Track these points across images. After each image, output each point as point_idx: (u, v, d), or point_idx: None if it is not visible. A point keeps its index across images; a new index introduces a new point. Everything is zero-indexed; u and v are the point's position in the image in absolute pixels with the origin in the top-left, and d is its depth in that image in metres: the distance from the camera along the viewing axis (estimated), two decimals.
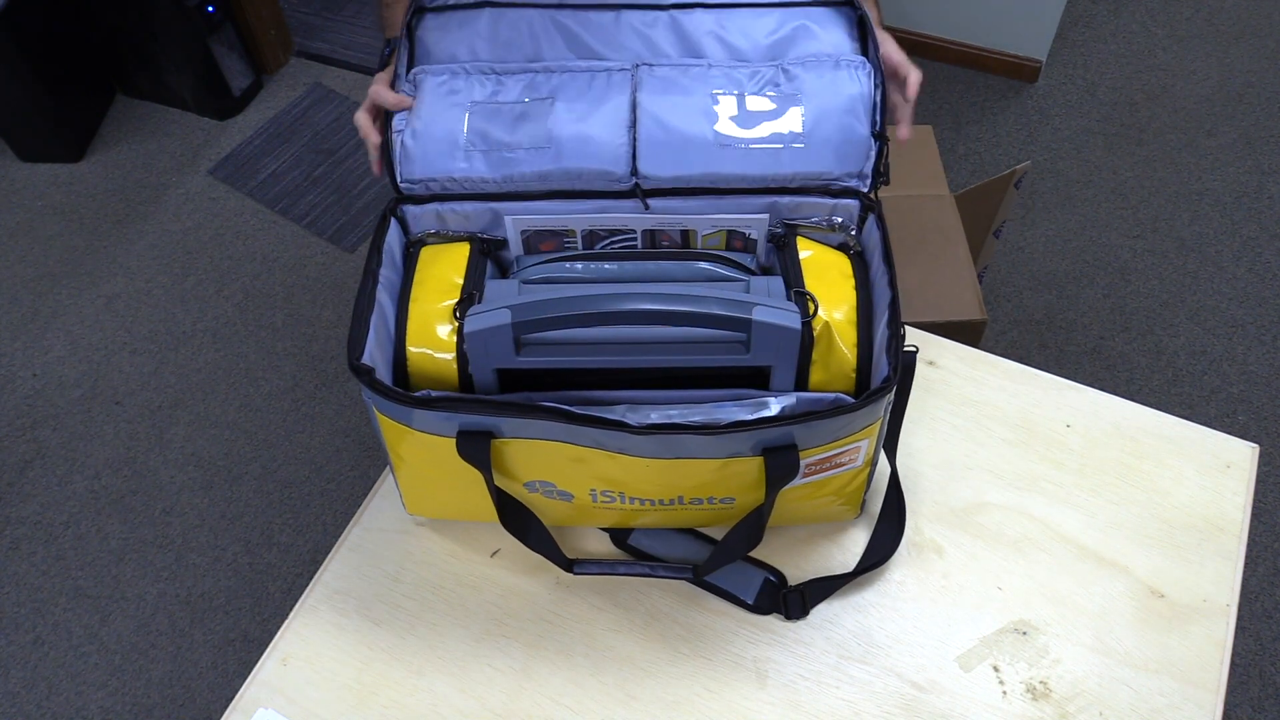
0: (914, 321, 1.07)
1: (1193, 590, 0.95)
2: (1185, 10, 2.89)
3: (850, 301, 0.88)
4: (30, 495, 2.02)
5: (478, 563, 1.00)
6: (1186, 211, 2.41)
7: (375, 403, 0.83)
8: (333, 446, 2.06)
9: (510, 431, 0.82)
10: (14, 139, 2.60)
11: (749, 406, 0.81)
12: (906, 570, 0.98)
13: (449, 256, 0.94)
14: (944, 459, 1.05)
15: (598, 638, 0.94)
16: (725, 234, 0.97)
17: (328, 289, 2.33)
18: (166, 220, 2.50)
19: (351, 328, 0.85)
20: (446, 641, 0.95)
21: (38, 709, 1.75)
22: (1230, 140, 2.56)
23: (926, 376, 1.11)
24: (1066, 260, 2.33)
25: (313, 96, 2.77)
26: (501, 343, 0.84)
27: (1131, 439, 1.06)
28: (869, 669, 0.92)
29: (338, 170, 2.58)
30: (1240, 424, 2.04)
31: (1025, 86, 2.71)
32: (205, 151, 2.65)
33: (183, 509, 1.99)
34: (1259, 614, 1.79)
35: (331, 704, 0.91)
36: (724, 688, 0.91)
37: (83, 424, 2.12)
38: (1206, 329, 2.19)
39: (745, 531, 0.89)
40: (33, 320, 2.31)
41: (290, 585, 1.88)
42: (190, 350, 2.24)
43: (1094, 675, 0.90)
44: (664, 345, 0.87)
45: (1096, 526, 1.00)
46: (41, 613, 1.86)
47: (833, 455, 0.85)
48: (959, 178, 2.48)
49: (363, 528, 1.03)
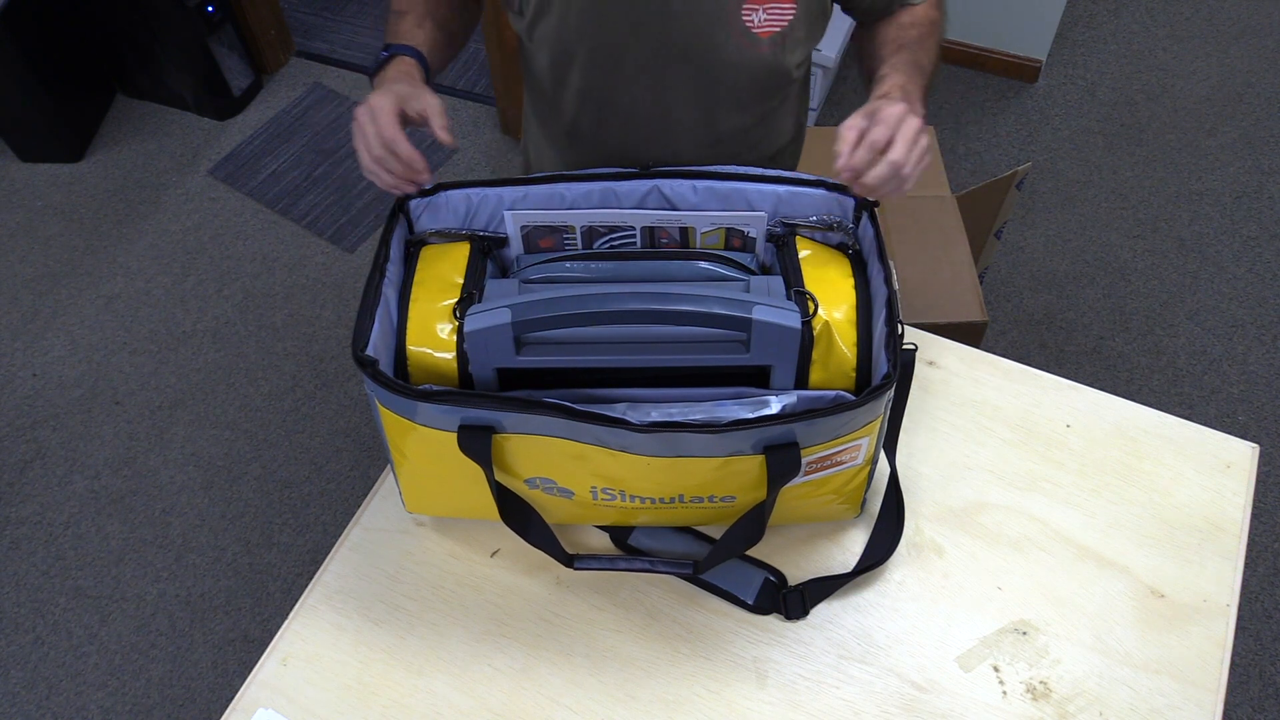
0: (915, 322, 1.07)
1: (1193, 590, 0.95)
2: (1185, 10, 2.89)
3: (850, 301, 0.88)
4: (30, 495, 2.02)
5: (478, 563, 1.00)
6: (1186, 211, 2.41)
7: (378, 395, 0.84)
8: (333, 446, 2.06)
9: (512, 427, 0.82)
10: (14, 139, 2.60)
11: (750, 405, 0.81)
12: (906, 570, 0.97)
13: (449, 256, 0.94)
14: (944, 459, 1.05)
15: (598, 638, 0.94)
16: (724, 232, 0.97)
17: (328, 289, 2.33)
18: (166, 220, 2.50)
19: (358, 319, 0.85)
20: (446, 641, 0.94)
21: (38, 709, 1.75)
22: (1230, 140, 2.56)
23: (926, 376, 1.11)
24: (1066, 260, 2.33)
25: (313, 96, 2.77)
26: (501, 342, 0.84)
27: (1131, 439, 1.06)
28: (869, 669, 0.92)
29: (338, 170, 2.58)
30: (1240, 424, 2.04)
31: (1025, 86, 2.71)
32: (205, 151, 2.65)
33: (183, 509, 1.99)
34: (1259, 614, 1.79)
35: (331, 704, 0.91)
36: (724, 687, 0.91)
37: (83, 424, 2.12)
38: (1206, 329, 2.19)
39: (746, 528, 0.89)
40: (33, 320, 2.31)
41: (290, 585, 1.88)
42: (190, 350, 2.24)
43: (1094, 675, 0.90)
44: (664, 344, 0.87)
45: (1096, 526, 1.00)
46: (41, 613, 1.86)
47: (834, 453, 0.85)
48: (959, 178, 2.48)
49: (363, 528, 1.03)
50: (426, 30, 1.05)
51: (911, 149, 0.87)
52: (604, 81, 1.07)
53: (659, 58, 1.03)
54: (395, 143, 0.91)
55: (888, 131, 0.87)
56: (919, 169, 0.88)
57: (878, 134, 0.86)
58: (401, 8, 1.07)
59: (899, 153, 0.86)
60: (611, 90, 1.08)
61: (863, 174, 0.88)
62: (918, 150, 0.87)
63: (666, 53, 1.02)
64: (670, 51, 1.02)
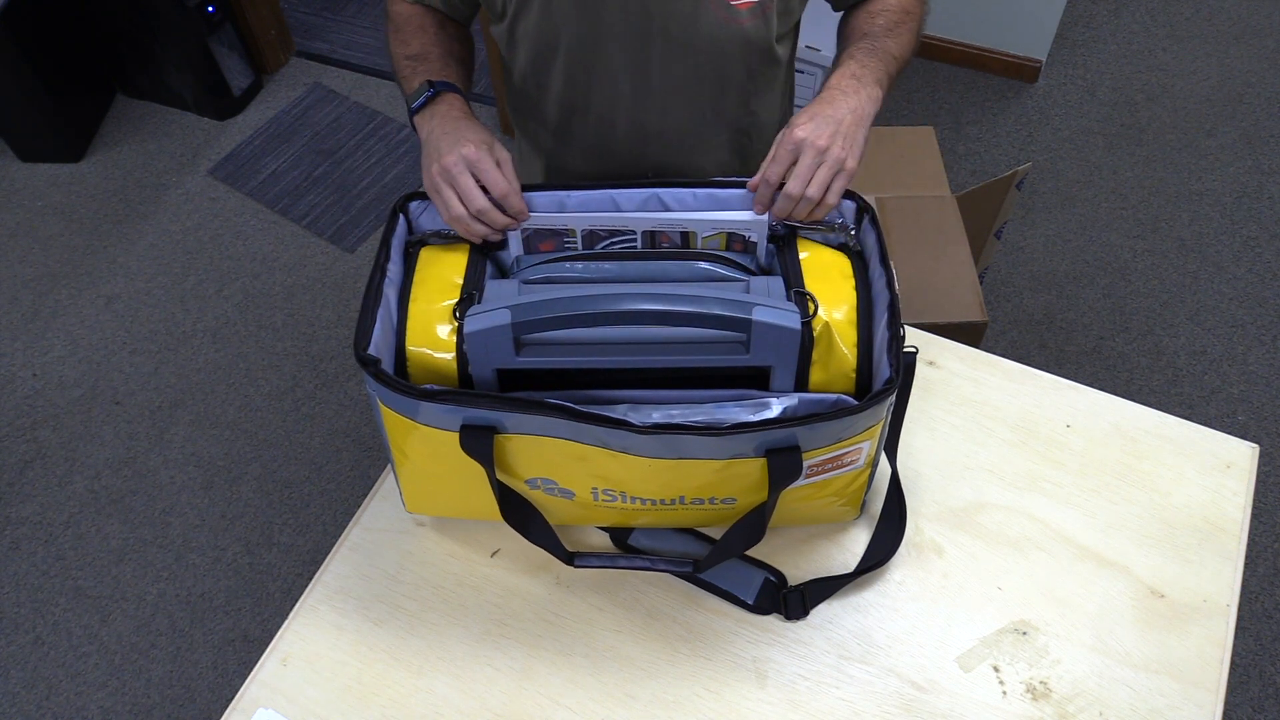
0: (915, 322, 1.07)
1: (1193, 590, 0.95)
2: (1185, 10, 2.89)
3: (850, 302, 0.88)
4: (30, 495, 2.02)
5: (478, 563, 1.00)
6: (1186, 211, 2.41)
7: (380, 395, 0.84)
8: (333, 446, 2.06)
9: (513, 427, 0.82)
10: (14, 139, 2.60)
11: (750, 407, 0.81)
12: (906, 570, 0.97)
13: (449, 257, 0.94)
14: (944, 459, 1.05)
15: (598, 638, 0.94)
16: (725, 236, 0.97)
17: (328, 289, 2.33)
18: (166, 220, 2.50)
19: (359, 319, 0.85)
20: (446, 642, 0.94)
21: (38, 709, 1.75)
22: (1230, 140, 2.56)
23: (927, 377, 1.11)
24: (1066, 260, 2.33)
25: (313, 96, 2.77)
26: (501, 343, 0.84)
27: (1131, 439, 1.06)
28: (869, 669, 0.92)
29: (338, 170, 2.58)
30: (1240, 424, 2.04)
31: (1025, 86, 2.71)
32: (205, 151, 2.65)
33: (183, 509, 1.99)
34: (1259, 614, 1.79)
35: (331, 704, 0.91)
36: (724, 688, 0.91)
37: (83, 424, 2.12)
38: (1206, 329, 2.19)
39: (746, 528, 0.89)
40: (33, 320, 2.31)
41: (290, 585, 1.88)
42: (190, 350, 2.24)
43: (1094, 675, 0.90)
44: (664, 345, 0.87)
45: (1096, 526, 1.00)
46: (41, 613, 1.86)
47: (835, 456, 0.85)
48: (959, 178, 2.48)
49: (363, 528, 1.03)
50: (453, 69, 1.06)
51: (812, 173, 0.91)
52: (586, 73, 1.08)
53: (640, 39, 1.04)
54: (509, 196, 0.92)
55: (784, 164, 0.91)
56: (832, 188, 0.91)
57: (771, 171, 0.92)
58: (415, 52, 1.06)
59: (794, 186, 0.91)
60: (594, 80, 1.08)
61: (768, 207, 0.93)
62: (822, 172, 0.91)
63: (647, 30, 1.03)
64: (651, 29, 1.03)
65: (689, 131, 1.13)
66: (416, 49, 1.06)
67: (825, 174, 0.90)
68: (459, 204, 0.92)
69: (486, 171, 0.91)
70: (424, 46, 1.06)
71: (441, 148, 0.93)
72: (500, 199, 0.92)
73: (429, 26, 1.08)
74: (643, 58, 1.05)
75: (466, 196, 0.91)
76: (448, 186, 0.92)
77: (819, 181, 0.90)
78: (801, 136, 0.90)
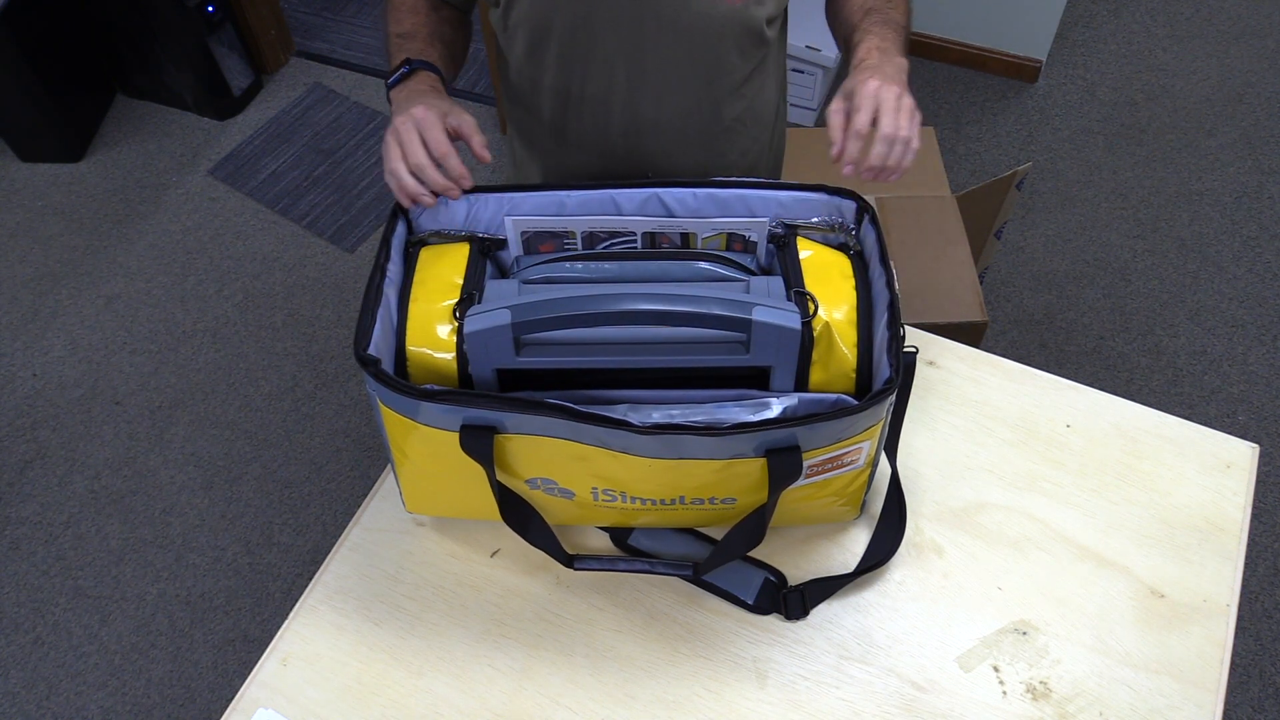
0: (915, 322, 1.07)
1: (1193, 590, 0.95)
2: (1185, 10, 2.89)
3: (850, 301, 0.88)
4: (30, 495, 2.02)
5: (478, 563, 1.00)
6: (1186, 211, 2.41)
7: (380, 395, 0.84)
8: (333, 446, 2.06)
9: (514, 427, 0.82)
10: (14, 139, 2.60)
11: (750, 407, 0.81)
12: (906, 570, 0.97)
13: (449, 257, 0.94)
14: (944, 459, 1.05)
15: (598, 638, 0.94)
16: (725, 236, 0.97)
17: (328, 289, 2.33)
18: (166, 220, 2.50)
19: (360, 319, 0.85)
20: (446, 642, 0.94)
21: (38, 709, 1.75)
22: (1230, 140, 2.56)
23: (927, 377, 1.11)
24: (1066, 260, 2.33)
25: (313, 96, 2.77)
26: (501, 343, 0.84)
27: (1131, 439, 1.06)
28: (869, 669, 0.92)
29: (338, 170, 2.58)
30: (1240, 424, 2.04)
31: (1025, 86, 2.71)
32: (205, 151, 2.65)
33: (183, 509, 1.99)
34: (1259, 614, 1.79)
35: (331, 704, 0.91)
36: (724, 688, 0.91)
37: (83, 424, 2.12)
38: (1206, 329, 2.19)
39: (746, 530, 0.89)
40: (33, 320, 2.31)
41: (290, 585, 1.88)
42: (190, 350, 2.24)
43: (1094, 675, 0.90)
44: (664, 345, 0.87)
45: (1096, 526, 1.00)
46: (41, 613, 1.86)
47: (835, 456, 0.85)
48: (959, 178, 2.48)
49: (363, 528, 1.03)
50: (437, 50, 1.06)
51: (898, 115, 0.89)
52: (580, 60, 1.08)
53: (632, 22, 1.04)
54: (448, 157, 0.92)
55: (869, 109, 0.89)
56: (916, 129, 0.90)
57: (860, 119, 0.88)
58: (405, 31, 1.07)
59: (888, 125, 0.88)
60: (588, 68, 1.09)
61: (861, 160, 0.90)
62: (905, 114, 0.89)
63: (639, 13, 1.03)
64: (643, 11, 1.03)
65: (684, 122, 1.13)
66: (406, 28, 1.07)
67: (907, 115, 0.90)
68: (398, 159, 0.92)
69: (430, 129, 0.92)
70: (414, 26, 1.07)
71: (398, 113, 0.95)
72: (439, 159, 0.92)
73: (421, 8, 1.09)
74: (636, 41, 1.06)
75: (407, 150, 0.92)
76: (395, 144, 0.93)
77: (907, 121, 0.89)
78: (878, 83, 0.89)
